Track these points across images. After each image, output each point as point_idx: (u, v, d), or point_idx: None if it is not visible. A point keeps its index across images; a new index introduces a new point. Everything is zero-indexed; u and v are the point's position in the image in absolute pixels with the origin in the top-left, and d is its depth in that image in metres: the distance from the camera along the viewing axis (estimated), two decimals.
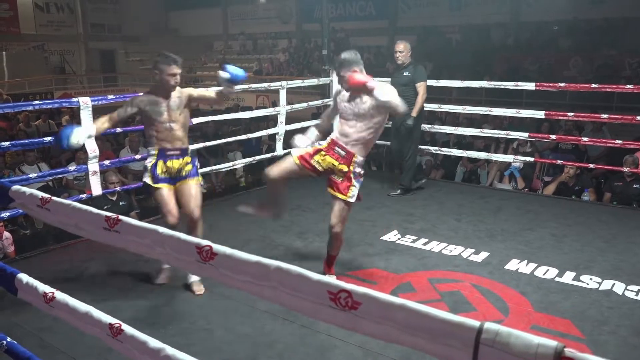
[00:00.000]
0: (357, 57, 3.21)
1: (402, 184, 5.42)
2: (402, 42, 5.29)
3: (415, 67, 5.19)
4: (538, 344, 0.82)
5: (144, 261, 3.64)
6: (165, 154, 3.35)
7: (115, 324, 1.54)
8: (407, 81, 5.17)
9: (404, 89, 5.10)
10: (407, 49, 5.23)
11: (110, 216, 1.47)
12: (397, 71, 5.34)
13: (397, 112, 3.12)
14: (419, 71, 5.19)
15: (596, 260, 3.74)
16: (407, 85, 5.14)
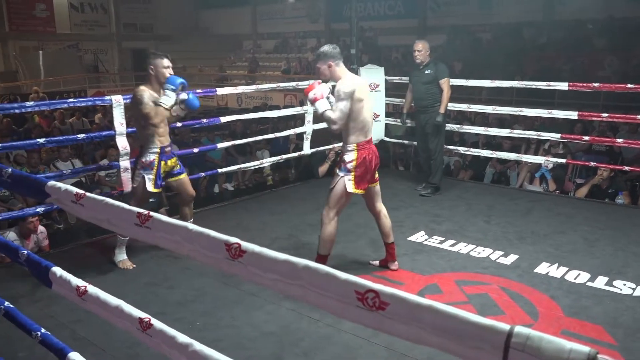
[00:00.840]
0: (333, 51, 3.27)
1: (432, 182, 5.42)
2: (421, 41, 5.33)
3: (436, 64, 5.22)
4: (570, 350, 0.80)
5: (173, 257, 3.70)
6: (165, 151, 3.61)
7: (145, 318, 1.57)
8: (430, 79, 5.20)
9: (428, 87, 5.22)
10: (425, 47, 5.24)
11: (142, 212, 1.49)
12: (416, 70, 5.35)
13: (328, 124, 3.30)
14: (441, 68, 5.21)
15: (630, 265, 3.64)
16: (431, 83, 5.20)
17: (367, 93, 3.34)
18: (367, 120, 3.32)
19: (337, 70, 3.27)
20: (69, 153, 7.19)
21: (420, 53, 5.22)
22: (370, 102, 3.35)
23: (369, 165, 3.32)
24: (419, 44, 5.29)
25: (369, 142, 3.35)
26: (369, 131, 3.36)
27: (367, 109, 3.30)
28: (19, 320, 2.09)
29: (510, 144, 7.19)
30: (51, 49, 20.42)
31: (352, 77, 3.34)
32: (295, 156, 6.44)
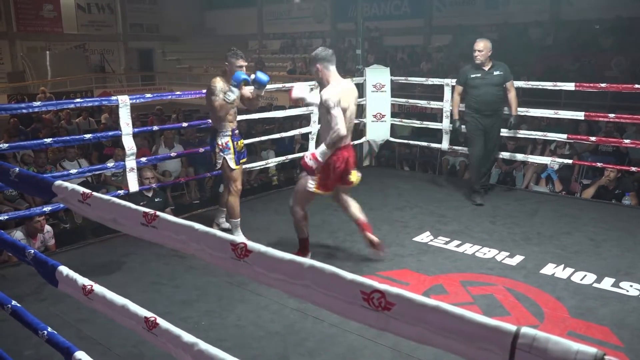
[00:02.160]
0: (322, 54, 3.34)
1: (483, 185, 5.24)
2: (482, 40, 4.95)
3: (501, 65, 4.99)
4: (577, 351, 0.80)
5: (179, 256, 3.71)
6: (235, 133, 4.06)
7: (151, 318, 1.57)
8: (500, 80, 4.96)
9: (498, 89, 4.97)
10: (487, 47, 4.89)
11: (148, 212, 1.50)
12: (478, 71, 4.97)
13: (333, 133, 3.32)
14: (507, 69, 5.00)
15: (637, 266, 3.62)
16: (499, 85, 4.96)
17: (351, 99, 3.36)
18: (348, 127, 3.35)
19: (325, 73, 3.35)
20: (75, 153, 7.22)
21: (481, 53, 4.88)
22: (353, 108, 3.38)
23: (335, 171, 3.37)
24: (479, 43, 4.92)
25: (346, 148, 3.40)
26: (348, 138, 3.41)
27: (349, 117, 3.34)
28: (25, 319, 2.10)
29: (516, 145, 7.16)
30: (58, 50, 20.54)
31: (338, 83, 3.35)
32: (301, 156, 6.43)
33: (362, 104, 6.27)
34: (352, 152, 3.51)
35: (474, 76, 4.98)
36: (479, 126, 5.05)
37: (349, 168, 3.45)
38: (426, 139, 7.00)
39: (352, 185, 3.56)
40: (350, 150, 3.47)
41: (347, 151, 3.43)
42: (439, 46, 15.34)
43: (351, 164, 3.46)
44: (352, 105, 3.37)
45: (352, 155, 3.50)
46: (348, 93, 3.35)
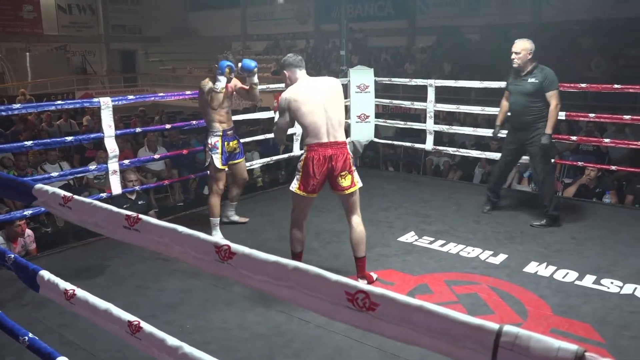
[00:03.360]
0: (288, 60, 3.34)
1: (551, 213, 4.44)
2: (521, 40, 4.27)
3: (542, 70, 4.22)
4: (558, 348, 0.81)
5: (163, 259, 3.68)
6: (227, 134, 4.14)
7: (134, 322, 1.56)
8: (533, 89, 4.22)
9: (530, 99, 4.26)
10: (525, 49, 4.21)
11: (131, 215, 1.48)
12: (515, 77, 4.38)
13: None
14: (549, 76, 4.20)
15: (618, 264, 3.68)
16: (534, 94, 4.23)
17: (316, 95, 3.16)
18: (318, 123, 3.13)
19: (292, 78, 3.32)
20: (56, 156, 7.13)
21: (519, 56, 4.23)
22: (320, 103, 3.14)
23: (314, 170, 3.14)
24: (516, 44, 4.27)
25: (322, 146, 3.14)
26: (325, 135, 3.14)
27: (314, 112, 3.12)
28: (5, 324, 2.07)
29: (499, 144, 7.22)
30: (38, 51, 20.28)
31: (295, 87, 3.24)
32: (285, 157, 6.43)
33: (346, 105, 6.28)
34: (340, 152, 3.17)
35: (510, 82, 4.44)
36: (512, 139, 4.53)
37: (335, 169, 3.15)
38: (410, 140, 7.04)
39: (346, 192, 3.24)
40: (336, 149, 3.16)
41: (331, 149, 3.14)
42: (423, 47, 15.44)
43: (339, 165, 3.16)
44: (321, 99, 3.15)
45: (341, 156, 3.17)
46: (313, 90, 3.18)
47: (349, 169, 3.21)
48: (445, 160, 7.85)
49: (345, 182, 3.21)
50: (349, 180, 3.21)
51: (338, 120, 3.19)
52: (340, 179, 3.20)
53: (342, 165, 3.17)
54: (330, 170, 3.17)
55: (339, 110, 3.22)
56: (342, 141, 3.20)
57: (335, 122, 3.18)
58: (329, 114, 3.16)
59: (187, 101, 16.63)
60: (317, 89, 3.21)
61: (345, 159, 3.19)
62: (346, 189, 3.23)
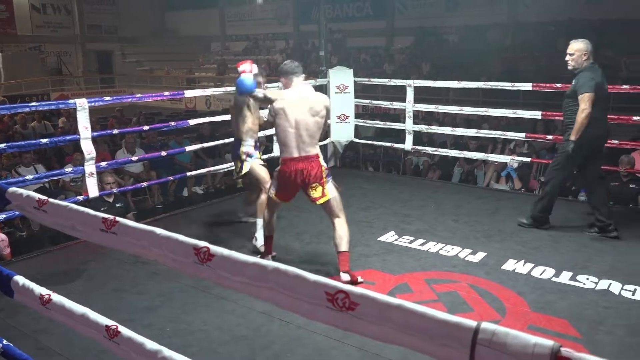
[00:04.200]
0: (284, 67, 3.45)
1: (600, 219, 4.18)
2: (575, 41, 4.05)
3: (582, 73, 3.98)
4: (535, 344, 0.82)
5: (142, 262, 3.64)
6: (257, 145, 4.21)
7: (112, 326, 1.54)
8: (570, 91, 4.04)
9: (568, 101, 4.06)
10: (580, 50, 3.98)
11: (107, 218, 1.46)
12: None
13: None
14: (581, 78, 3.95)
15: (593, 260, 3.75)
16: (571, 97, 4.02)
17: (300, 110, 3.27)
18: (289, 138, 3.28)
19: (287, 86, 3.44)
20: (31, 158, 6.99)
21: (572, 57, 4.02)
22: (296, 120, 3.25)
23: (286, 181, 3.35)
24: (571, 45, 4.06)
25: (293, 160, 3.29)
26: (295, 150, 3.28)
27: (287, 128, 3.27)
28: None
29: (477, 144, 7.32)
30: (12, 51, 19.86)
31: (283, 96, 3.35)
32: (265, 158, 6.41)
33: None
34: (311, 166, 3.30)
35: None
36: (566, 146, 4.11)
37: (305, 182, 3.30)
38: (390, 140, 7.07)
39: (317, 203, 3.36)
40: (306, 163, 3.29)
41: (301, 164, 3.28)
42: (401, 48, 15.55)
43: (310, 178, 3.29)
44: (305, 116, 3.26)
45: (312, 169, 3.29)
46: (297, 104, 3.29)
47: (319, 181, 3.32)
48: (424, 159, 7.91)
49: (315, 193, 3.34)
50: (319, 191, 3.33)
51: (310, 135, 3.29)
52: (311, 190, 3.34)
53: (313, 177, 3.30)
54: (302, 182, 3.32)
55: (313, 128, 3.30)
56: (314, 154, 3.32)
57: (307, 138, 3.28)
58: (301, 130, 3.27)
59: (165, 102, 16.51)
60: (303, 103, 3.30)
61: (317, 172, 3.31)
62: (316, 200, 3.35)
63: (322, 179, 3.32)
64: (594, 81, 3.89)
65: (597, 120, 3.96)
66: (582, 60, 4.00)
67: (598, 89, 3.91)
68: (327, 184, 3.35)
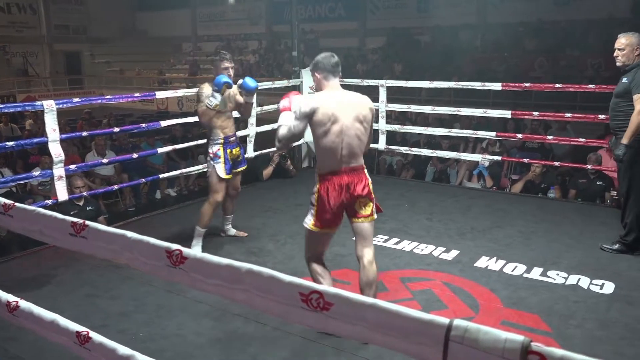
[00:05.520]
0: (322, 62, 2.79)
1: (623, 239, 3.86)
2: (626, 35, 3.68)
3: (638, 71, 3.61)
4: (506, 339, 0.84)
5: (114, 266, 3.57)
6: (229, 141, 3.91)
7: (83, 332, 1.51)
8: (622, 90, 3.68)
9: (619, 102, 3.72)
10: (631, 44, 3.63)
11: (77, 222, 1.44)
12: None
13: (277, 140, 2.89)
14: (637, 77, 3.58)
15: (563, 256, 3.83)
16: (623, 97, 3.68)
17: (341, 116, 2.68)
18: (335, 147, 2.69)
19: (322, 83, 2.82)
20: None
21: (622, 52, 3.67)
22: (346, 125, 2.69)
23: (330, 202, 2.71)
24: (621, 39, 3.70)
25: (337, 174, 2.71)
26: (342, 161, 2.71)
27: (335, 134, 2.67)
28: None
29: (450, 143, 7.42)
30: None
31: (326, 96, 2.75)
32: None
33: None
34: (358, 179, 2.75)
35: None
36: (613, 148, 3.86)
37: (356, 195, 2.74)
38: None
39: (367, 220, 2.80)
40: (353, 176, 2.74)
41: (347, 177, 2.73)
42: (374, 48, 15.64)
43: (357, 192, 2.73)
44: (348, 121, 2.69)
45: (359, 183, 2.75)
46: (343, 107, 2.71)
47: (370, 196, 2.79)
48: (398, 159, 7.97)
49: (365, 210, 2.79)
50: (369, 208, 2.81)
51: (358, 145, 2.76)
52: (360, 206, 2.78)
53: (362, 190, 2.76)
54: (348, 199, 2.75)
55: (362, 134, 2.76)
56: (360, 165, 2.79)
57: (356, 147, 2.74)
58: (351, 138, 2.71)
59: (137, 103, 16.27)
60: (347, 105, 2.74)
61: (365, 185, 2.77)
62: (365, 217, 2.80)
63: (371, 194, 2.80)
64: None
65: None
66: (634, 55, 3.65)
67: None
68: (374, 202, 2.85)
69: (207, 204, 3.90)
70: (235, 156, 3.98)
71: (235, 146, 3.97)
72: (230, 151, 3.91)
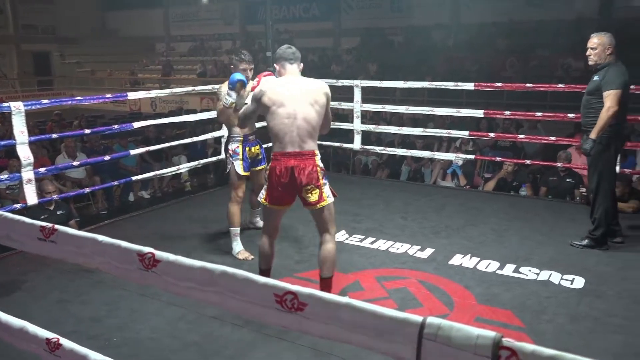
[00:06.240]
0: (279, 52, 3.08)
1: (591, 233, 3.95)
2: (597, 35, 3.77)
3: (609, 69, 3.70)
4: (478, 336, 0.85)
5: (85, 271, 3.50)
6: (248, 139, 3.95)
7: (53, 339, 1.47)
8: (594, 88, 3.76)
9: (590, 99, 3.80)
10: (603, 44, 3.72)
11: (45, 226, 1.40)
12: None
13: None
14: (608, 75, 3.68)
15: (534, 252, 3.91)
16: (594, 94, 3.76)
17: (288, 98, 2.84)
18: (284, 129, 2.83)
19: (281, 72, 3.05)
20: None
21: (595, 52, 3.76)
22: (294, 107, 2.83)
23: (276, 180, 2.86)
24: (593, 39, 3.78)
25: (285, 156, 2.84)
26: (289, 143, 2.83)
27: (283, 116, 2.82)
28: None
29: (424, 143, 7.49)
30: None
31: (276, 81, 2.99)
32: (214, 161, 6.33)
33: None
34: (304, 164, 2.85)
35: None
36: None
37: (299, 182, 2.84)
38: (338, 140, 7.12)
39: (315, 207, 2.91)
40: (299, 160, 2.85)
41: (292, 160, 2.84)
42: (348, 48, 15.70)
43: (303, 178, 2.83)
44: (297, 103, 2.84)
45: (306, 168, 2.85)
46: (292, 90, 2.87)
47: (315, 183, 2.86)
48: (373, 159, 8.02)
49: (312, 197, 2.87)
50: (317, 195, 2.87)
51: (308, 130, 2.85)
52: (306, 193, 2.87)
53: (307, 178, 2.84)
54: (293, 184, 2.85)
55: (313, 118, 2.87)
56: (309, 151, 2.87)
57: (304, 131, 2.84)
58: (299, 121, 2.82)
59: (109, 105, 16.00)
60: (298, 90, 2.88)
61: (311, 171, 2.85)
62: (313, 205, 2.89)
63: (318, 181, 2.87)
64: (623, 77, 3.67)
65: (623, 121, 3.83)
66: (605, 55, 3.74)
67: (626, 87, 3.72)
68: (324, 187, 2.91)
69: (230, 203, 3.95)
70: (255, 154, 4.00)
71: (254, 144, 4.01)
72: (249, 149, 3.95)
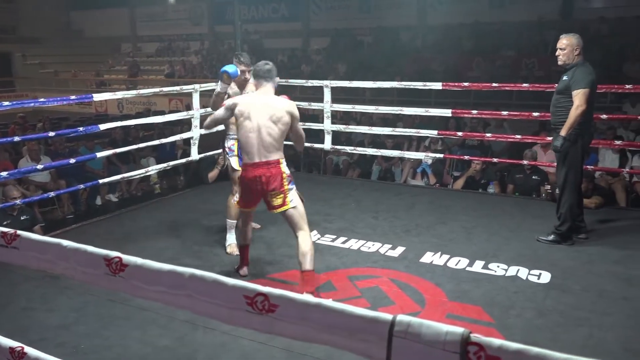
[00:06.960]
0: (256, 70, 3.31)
1: (557, 228, 4.06)
2: (566, 36, 3.89)
3: (577, 69, 3.82)
4: (446, 332, 0.86)
5: (51, 277, 3.42)
6: None
7: (17, 347, 1.43)
8: (563, 88, 3.88)
9: (560, 98, 3.91)
10: (571, 45, 3.83)
11: (7, 232, 1.36)
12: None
13: None
14: (577, 74, 3.79)
15: (502, 248, 3.99)
16: (564, 93, 3.87)
17: (255, 114, 3.14)
18: (250, 142, 3.14)
19: (257, 88, 3.33)
20: None
21: (563, 52, 3.86)
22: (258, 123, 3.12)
23: (246, 188, 3.23)
24: (562, 40, 3.89)
25: (253, 166, 3.15)
26: (256, 154, 3.13)
27: (249, 130, 3.13)
28: None
29: (394, 142, 7.56)
30: None
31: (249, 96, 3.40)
32: (184, 162, 6.25)
33: None
34: (270, 172, 3.14)
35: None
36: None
37: (266, 188, 3.14)
38: (309, 140, 7.11)
39: (275, 211, 3.21)
40: (266, 169, 3.14)
41: (260, 170, 3.13)
42: (318, 49, 15.72)
43: (269, 185, 3.13)
44: (261, 120, 3.13)
45: (272, 176, 3.14)
46: (259, 107, 3.16)
47: (280, 189, 3.15)
48: (344, 159, 8.04)
49: (276, 201, 3.18)
50: (280, 199, 3.17)
51: (272, 142, 3.14)
52: (271, 198, 3.18)
53: (273, 184, 3.14)
54: (262, 190, 3.18)
55: (276, 133, 3.15)
56: (274, 160, 3.16)
57: (268, 144, 3.14)
58: (263, 135, 3.13)
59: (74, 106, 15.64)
60: (264, 107, 3.17)
61: (277, 179, 3.15)
62: (276, 208, 3.20)
63: (282, 187, 3.16)
64: (591, 77, 3.79)
65: (590, 119, 3.97)
66: (573, 55, 3.86)
67: (593, 86, 3.84)
68: (289, 192, 3.18)
69: (230, 196, 4.03)
70: None
71: None
72: None
